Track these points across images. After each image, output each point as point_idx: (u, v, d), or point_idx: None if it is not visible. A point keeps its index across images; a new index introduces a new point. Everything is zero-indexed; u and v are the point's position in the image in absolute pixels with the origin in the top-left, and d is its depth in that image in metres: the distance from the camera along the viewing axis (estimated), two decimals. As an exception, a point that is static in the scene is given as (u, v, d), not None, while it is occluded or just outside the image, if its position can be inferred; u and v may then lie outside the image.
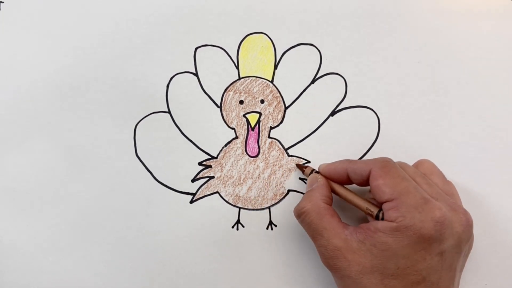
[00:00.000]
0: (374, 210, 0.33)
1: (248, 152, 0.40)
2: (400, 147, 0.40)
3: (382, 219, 0.32)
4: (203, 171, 0.40)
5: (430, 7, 0.41)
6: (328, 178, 0.37)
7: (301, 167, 0.39)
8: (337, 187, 0.36)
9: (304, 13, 0.41)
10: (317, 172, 0.38)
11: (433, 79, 0.40)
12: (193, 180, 0.40)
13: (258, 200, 0.40)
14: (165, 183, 0.40)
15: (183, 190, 0.40)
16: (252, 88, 0.40)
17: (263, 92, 0.41)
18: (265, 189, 0.40)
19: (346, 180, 0.36)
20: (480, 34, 0.41)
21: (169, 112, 0.40)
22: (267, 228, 0.40)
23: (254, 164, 0.40)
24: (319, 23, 0.41)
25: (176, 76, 0.40)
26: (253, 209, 0.40)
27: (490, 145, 0.40)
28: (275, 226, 0.40)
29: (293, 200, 0.40)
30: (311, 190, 0.36)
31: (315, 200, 0.34)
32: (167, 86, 0.40)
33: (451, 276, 0.32)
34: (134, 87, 0.40)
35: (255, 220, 0.40)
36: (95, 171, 0.40)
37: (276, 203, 0.40)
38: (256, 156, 0.40)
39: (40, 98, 0.40)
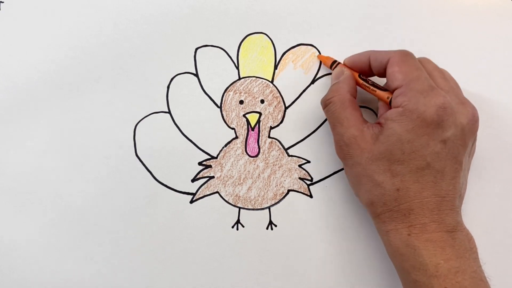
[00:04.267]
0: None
1: (248, 152, 0.40)
2: (400, 147, 0.40)
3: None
4: (203, 171, 0.40)
5: (430, 7, 0.41)
6: (351, 67, 0.38)
7: (323, 59, 0.40)
8: (359, 79, 0.37)
9: (304, 13, 0.41)
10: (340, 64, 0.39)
11: (433, 79, 0.40)
12: (193, 180, 0.40)
13: (258, 200, 0.40)
14: (165, 183, 0.40)
15: (183, 190, 0.40)
16: (252, 88, 0.41)
17: (263, 92, 0.41)
18: (265, 189, 0.40)
19: (368, 70, 0.37)
20: (480, 34, 0.41)
21: (169, 112, 0.40)
22: (267, 228, 0.40)
23: (254, 164, 0.40)
24: (319, 23, 0.41)
25: (176, 77, 0.40)
26: (253, 209, 0.40)
27: (490, 145, 0.40)
28: (275, 226, 0.40)
29: (293, 200, 0.40)
30: (338, 82, 0.37)
31: (341, 91, 0.35)
32: (168, 87, 0.40)
33: (456, 169, 0.32)
34: (134, 87, 0.40)
35: (255, 220, 0.40)
36: (95, 171, 0.39)
37: (276, 203, 0.40)
38: (256, 156, 0.40)
39: (40, 98, 0.40)
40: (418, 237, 0.31)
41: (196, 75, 0.41)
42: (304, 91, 0.40)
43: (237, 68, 0.41)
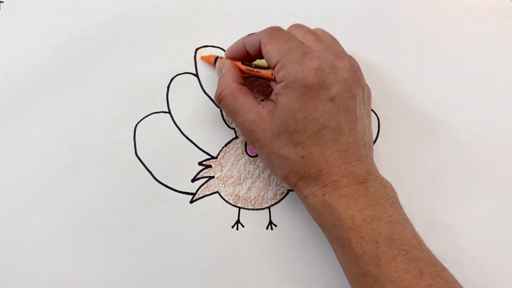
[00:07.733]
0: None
1: (248, 152, 0.40)
2: (400, 147, 0.40)
3: None
4: (203, 171, 0.40)
5: (430, 7, 0.41)
6: (233, 58, 0.38)
7: (206, 58, 0.40)
8: (243, 66, 0.38)
9: (304, 13, 0.41)
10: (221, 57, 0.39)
11: (433, 79, 0.40)
12: (193, 180, 0.40)
13: (258, 200, 0.40)
14: (165, 183, 0.40)
15: (183, 190, 0.40)
16: (252, 88, 0.40)
17: (263, 92, 0.41)
18: (265, 189, 0.40)
19: (248, 56, 0.38)
20: (480, 34, 0.41)
21: (169, 112, 0.40)
22: (267, 228, 0.40)
23: (254, 164, 0.40)
24: (319, 23, 0.41)
25: (176, 77, 0.40)
26: (253, 209, 0.40)
27: (490, 145, 0.40)
28: (275, 226, 0.40)
29: (293, 200, 0.40)
30: (222, 75, 0.37)
31: (228, 83, 0.36)
32: (168, 87, 0.40)
33: (352, 120, 0.33)
34: (134, 87, 0.40)
35: (255, 220, 0.40)
36: (95, 171, 0.39)
37: (276, 203, 0.40)
38: (256, 156, 0.40)
39: (40, 98, 0.40)
40: (332, 195, 0.32)
41: (196, 75, 0.41)
42: (304, 91, 0.40)
43: (237, 68, 0.41)
